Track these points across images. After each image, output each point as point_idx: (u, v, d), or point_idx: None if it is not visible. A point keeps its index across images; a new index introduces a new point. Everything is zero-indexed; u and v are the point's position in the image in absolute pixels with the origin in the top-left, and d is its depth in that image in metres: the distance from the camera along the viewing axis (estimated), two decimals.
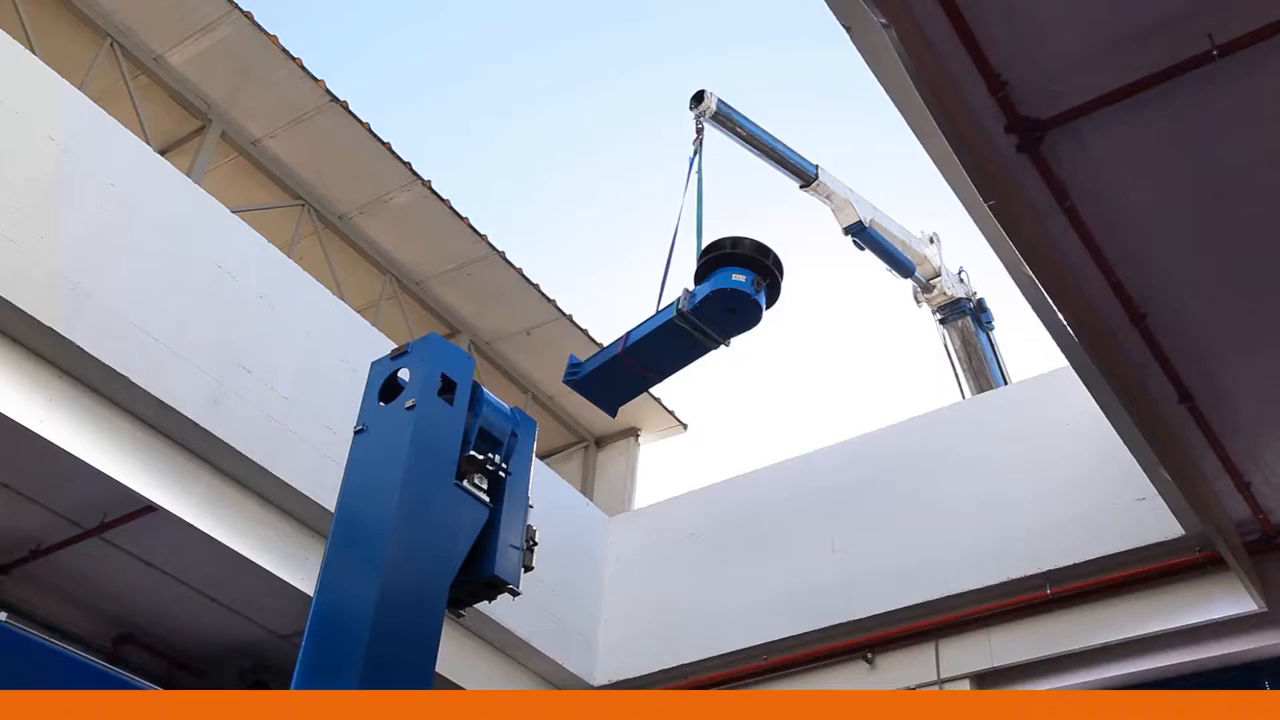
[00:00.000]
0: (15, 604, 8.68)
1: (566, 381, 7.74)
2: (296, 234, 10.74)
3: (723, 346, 7.13)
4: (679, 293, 7.10)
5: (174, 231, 7.78)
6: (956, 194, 5.07)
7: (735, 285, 6.72)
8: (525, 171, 31.85)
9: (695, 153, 9.18)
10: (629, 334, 7.32)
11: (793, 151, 10.75)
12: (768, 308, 6.92)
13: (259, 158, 10.66)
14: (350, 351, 8.35)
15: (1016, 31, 4.62)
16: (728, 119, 9.95)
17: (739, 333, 7.03)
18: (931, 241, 12.05)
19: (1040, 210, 5.22)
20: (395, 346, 4.72)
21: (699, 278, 7.01)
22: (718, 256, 6.91)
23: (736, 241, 6.89)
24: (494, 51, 31.16)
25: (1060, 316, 5.50)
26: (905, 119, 4.78)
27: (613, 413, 8.09)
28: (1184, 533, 7.38)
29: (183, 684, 9.56)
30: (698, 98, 9.70)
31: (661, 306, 7.21)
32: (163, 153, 9.41)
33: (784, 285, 7.00)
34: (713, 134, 9.85)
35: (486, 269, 11.50)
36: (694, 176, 8.81)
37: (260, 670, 9.62)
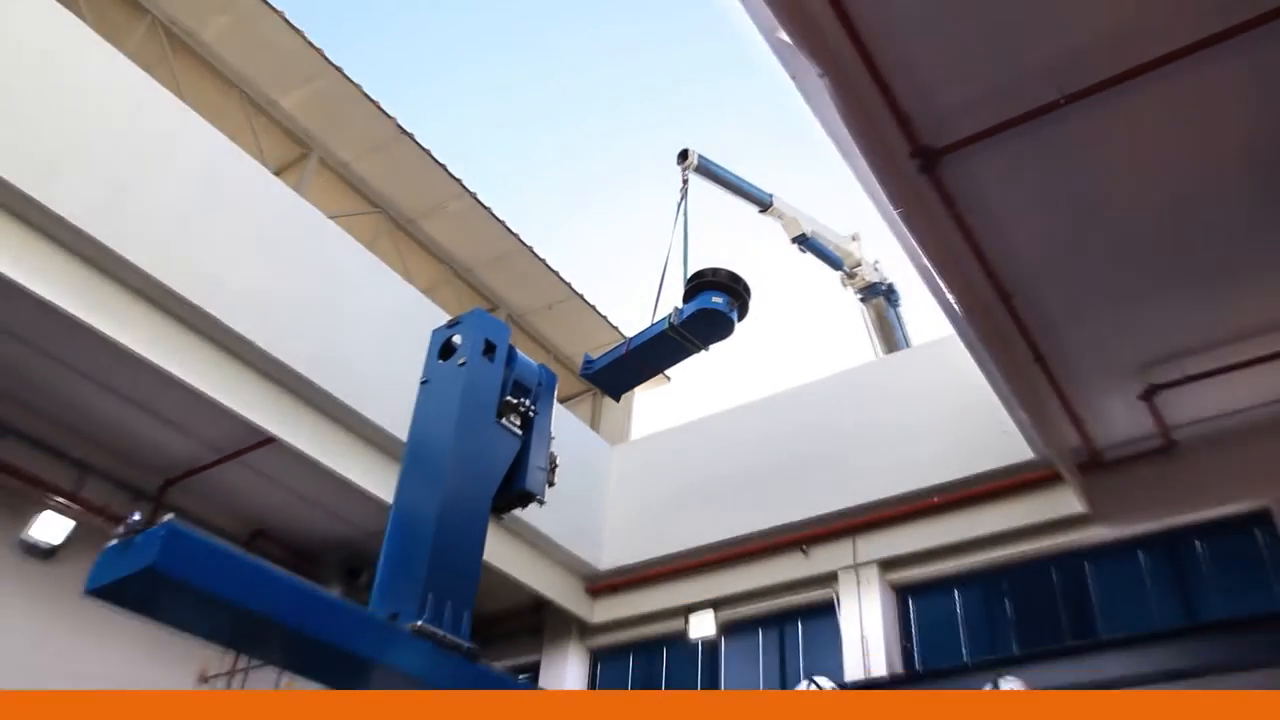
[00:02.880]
0: (179, 509, 8.74)
1: (582, 375, 7.55)
2: (376, 234, 10.66)
3: (703, 351, 6.99)
4: (669, 309, 6.93)
5: (285, 234, 7.72)
6: (874, 202, 5.04)
7: (714, 305, 6.57)
8: (548, 181, 31.64)
9: (682, 198, 8.83)
10: (630, 340, 7.16)
11: (754, 186, 10.71)
12: (739, 322, 6.82)
13: (348, 176, 10.56)
14: (416, 322, 8.29)
15: (917, 82, 4.58)
16: (706, 170, 9.73)
17: (716, 341, 6.87)
18: (854, 239, 11.99)
19: (936, 216, 5.19)
20: (450, 318, 4.70)
21: (686, 298, 6.83)
22: (701, 283, 6.77)
23: (715, 271, 6.74)
24: (530, 70, 30.75)
25: (949, 296, 5.49)
26: (835, 144, 4.73)
27: (617, 398, 7.99)
28: (1034, 457, 7.44)
29: (301, 569, 9.63)
30: (683, 155, 9.41)
31: (655, 320, 7.04)
32: (276, 174, 9.32)
33: (751, 305, 6.83)
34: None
35: (520, 259, 11.42)
36: (681, 218, 8.46)
37: (354, 559, 9.68)
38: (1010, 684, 5.34)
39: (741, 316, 6.82)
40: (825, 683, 5.35)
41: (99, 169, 6.34)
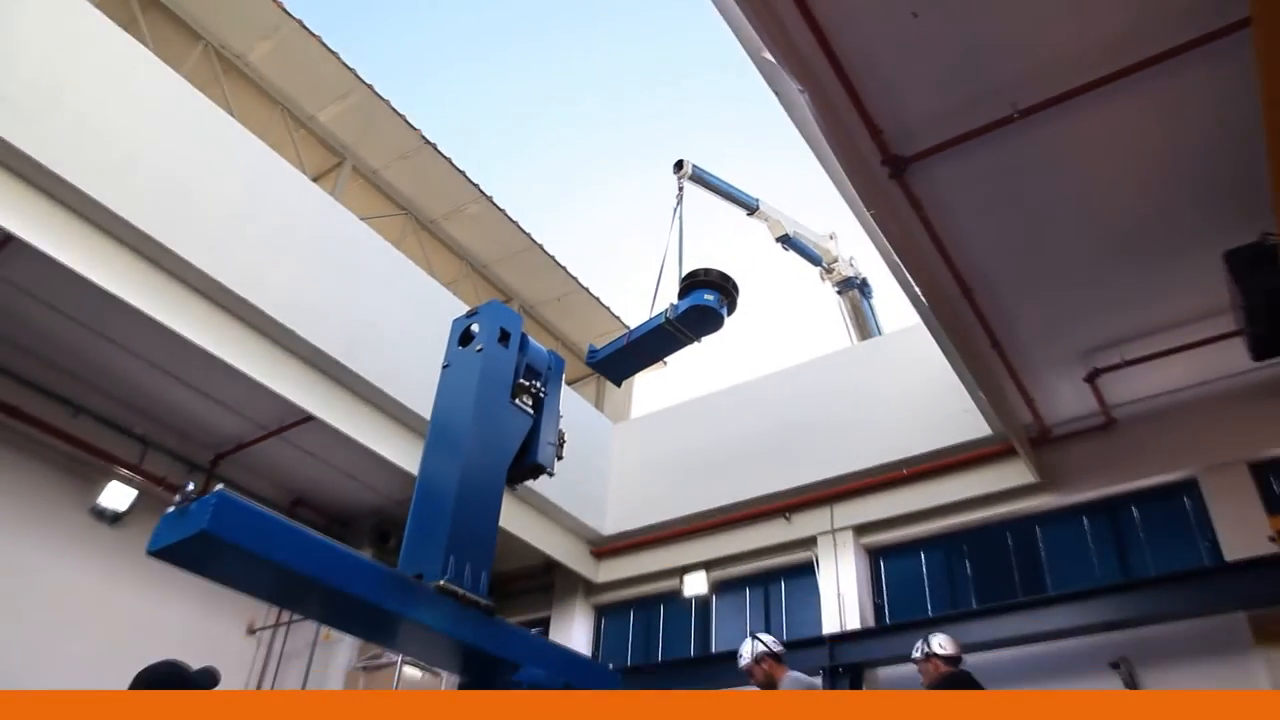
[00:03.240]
0: (228, 479, 8.76)
1: (587, 363, 7.45)
2: (403, 234, 10.63)
3: (696, 343, 6.93)
4: (666, 305, 6.87)
5: (322, 235, 7.69)
6: (849, 204, 5.02)
7: (706, 302, 6.48)
8: (544, 171, 31.45)
9: (678, 204, 8.76)
10: (631, 332, 7.06)
11: (743, 192, 10.63)
12: (728, 316, 6.76)
13: (377, 182, 10.50)
14: (439, 313, 8.29)
15: (888, 97, 4.55)
16: (699, 178, 9.62)
17: (708, 334, 6.80)
18: (832, 238, 11.95)
19: (904, 217, 5.17)
20: (469, 309, 4.69)
21: (681, 295, 6.72)
22: (694, 282, 6.71)
23: (707, 271, 6.65)
24: (526, 63, 30.42)
25: (916, 289, 5.48)
26: (814, 153, 4.71)
27: (619, 384, 7.91)
28: (991, 433, 7.44)
29: (335, 534, 9.67)
30: (678, 165, 9.26)
31: (653, 314, 6.94)
32: (314, 180, 9.28)
33: (739, 301, 6.76)
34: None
35: (532, 255, 11.38)
36: (676, 221, 8.31)
37: (384, 525, 9.71)
38: (940, 639, 5.33)
39: (731, 311, 6.79)
40: (767, 638, 5.23)
41: (160, 178, 6.33)
